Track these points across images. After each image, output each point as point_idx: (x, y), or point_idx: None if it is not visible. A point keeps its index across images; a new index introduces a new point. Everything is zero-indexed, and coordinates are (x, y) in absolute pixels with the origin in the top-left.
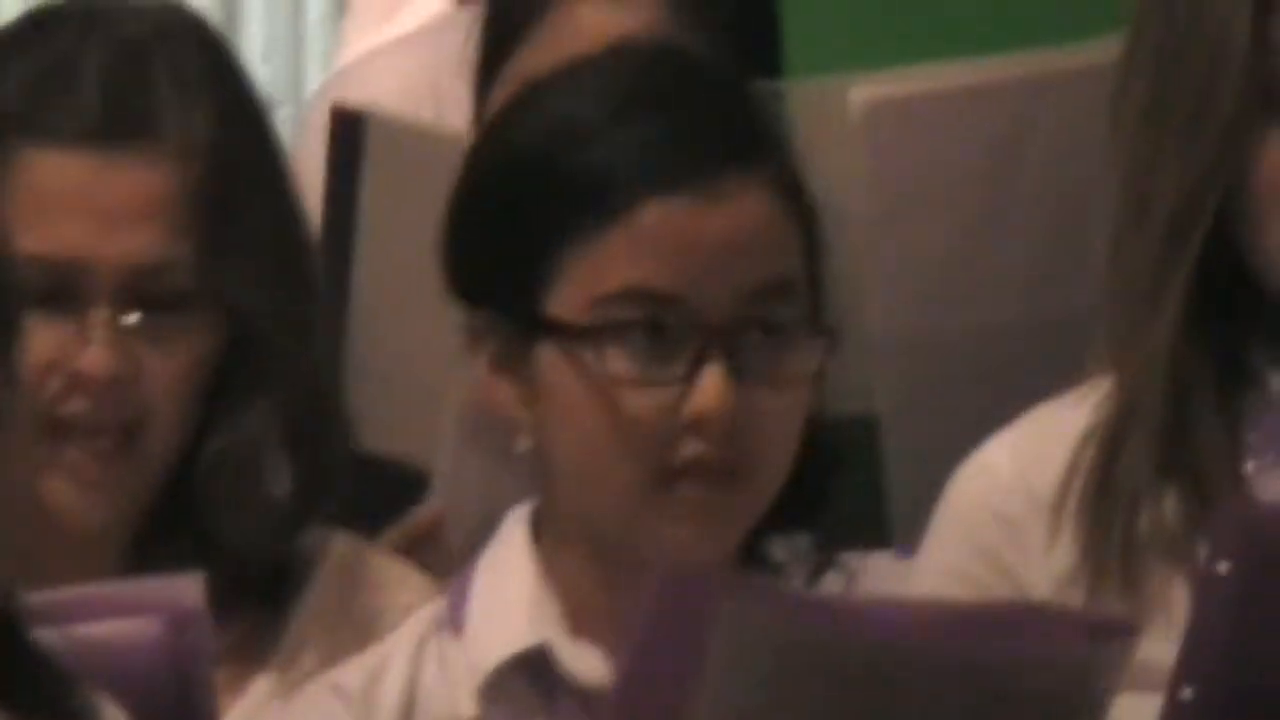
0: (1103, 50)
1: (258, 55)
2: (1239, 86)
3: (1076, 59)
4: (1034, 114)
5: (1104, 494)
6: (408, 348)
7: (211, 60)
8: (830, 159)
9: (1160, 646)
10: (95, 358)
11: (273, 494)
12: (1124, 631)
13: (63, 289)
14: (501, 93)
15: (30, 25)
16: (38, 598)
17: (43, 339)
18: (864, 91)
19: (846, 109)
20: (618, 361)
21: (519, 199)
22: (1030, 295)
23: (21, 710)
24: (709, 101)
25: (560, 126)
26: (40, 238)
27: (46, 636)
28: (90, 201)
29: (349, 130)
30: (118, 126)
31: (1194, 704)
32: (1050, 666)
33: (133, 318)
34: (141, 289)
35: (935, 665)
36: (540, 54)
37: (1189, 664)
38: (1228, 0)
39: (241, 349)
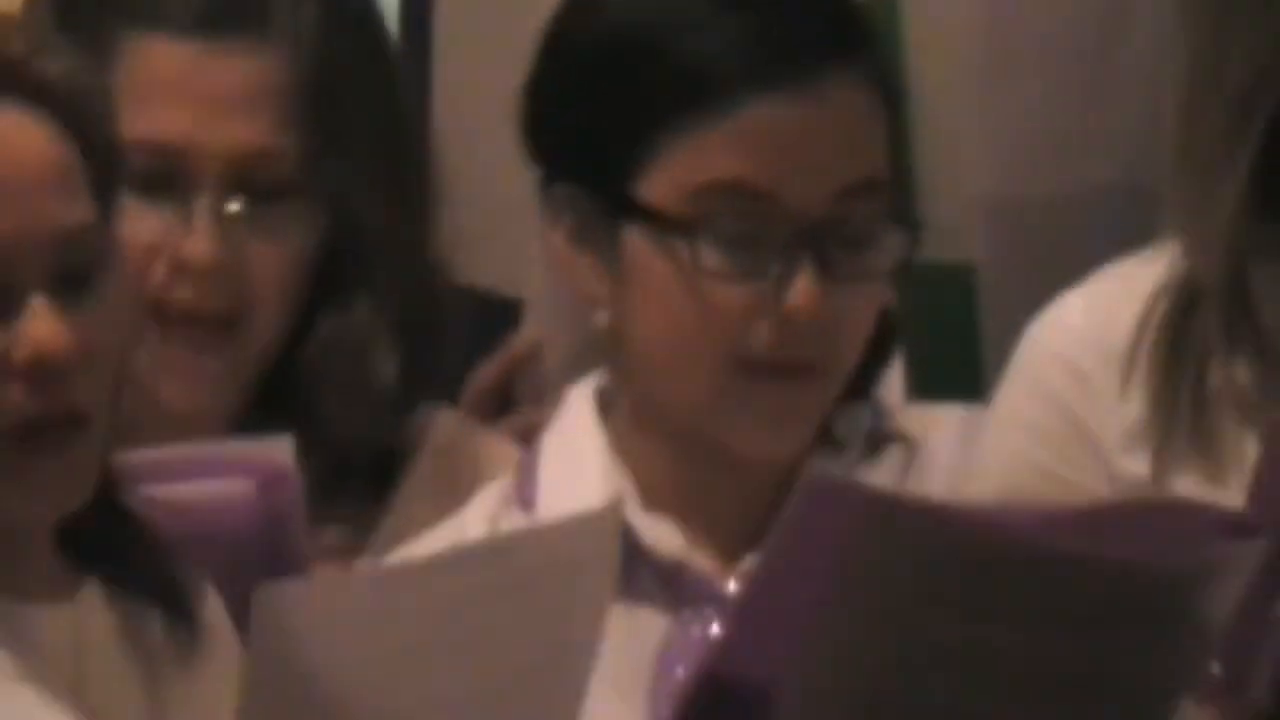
0: None
1: None
2: None
3: None
4: None
5: (1175, 350)
6: (490, 175)
7: None
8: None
9: (1236, 502)
10: (199, 245)
11: (378, 381)
12: (1258, 530)
13: (167, 175)
14: None
15: None
16: (131, 458)
17: (147, 225)
18: None
19: None
20: (711, 254)
21: (616, 79)
22: (1131, 159)
23: (119, 581)
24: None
25: (662, 8)
26: (146, 123)
27: (141, 500)
28: (197, 88)
29: None
30: (227, 15)
31: (1272, 549)
32: (1190, 565)
33: (236, 205)
34: (246, 177)
35: (1073, 567)
36: None
37: (1264, 508)
38: None
39: (346, 242)
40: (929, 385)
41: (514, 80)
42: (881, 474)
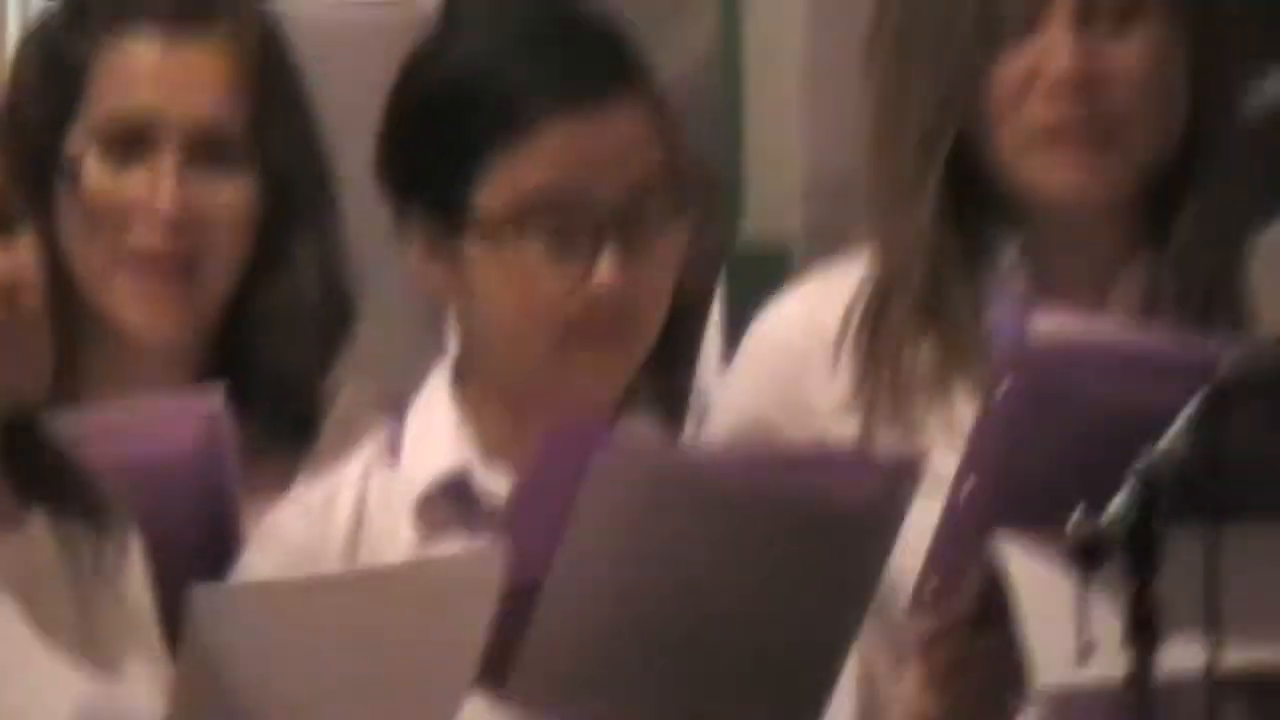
0: None
1: None
2: (972, 23)
3: None
4: None
5: (874, 337)
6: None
7: None
8: (776, 22)
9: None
10: (166, 196)
11: (309, 331)
12: (916, 469)
13: (139, 140)
14: None
15: None
16: (89, 414)
17: (123, 185)
18: None
19: None
20: (533, 247)
21: (447, 117)
22: None
23: (57, 509)
24: (591, 38)
25: (474, 60)
26: (122, 99)
27: (98, 448)
28: (162, 72)
29: None
30: (184, 19)
31: (974, 491)
32: (859, 499)
33: (197, 165)
34: (201, 142)
35: (762, 501)
36: None
37: (972, 460)
38: None
39: (284, 210)
40: None
41: None
42: (684, 429)
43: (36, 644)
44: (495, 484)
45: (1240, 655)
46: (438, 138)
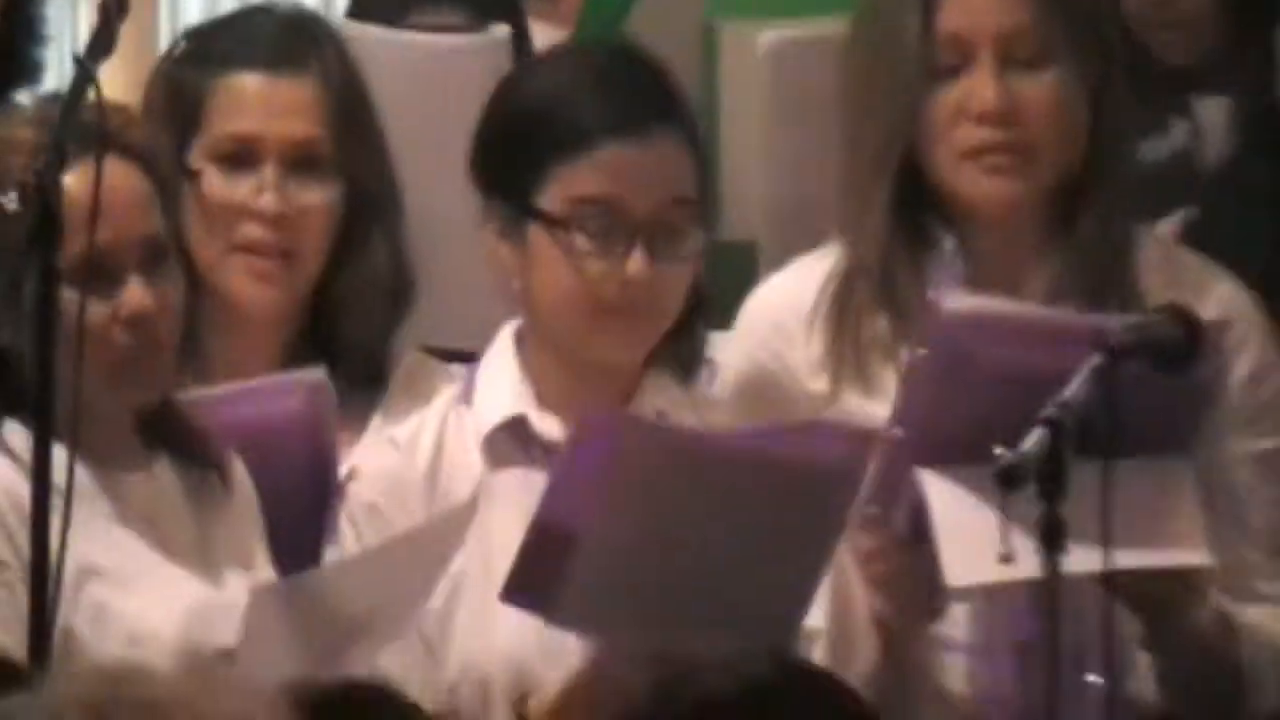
0: None
1: None
2: (914, 65)
3: None
4: None
5: (841, 312)
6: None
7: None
8: (744, 79)
9: (883, 411)
10: (269, 199)
11: (380, 308)
12: (874, 438)
13: (247, 155)
14: None
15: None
16: (217, 388)
17: (234, 190)
18: (768, 36)
19: (757, 47)
20: (581, 241)
21: (524, 132)
22: None
23: (180, 455)
24: (643, 76)
25: (549, 89)
26: (234, 122)
27: (216, 411)
28: (265, 101)
29: None
30: (280, 58)
31: (903, 439)
32: (831, 462)
33: (292, 175)
34: (296, 157)
35: (753, 466)
36: None
37: (900, 413)
38: (905, 8)
39: (360, 210)
40: (724, 327)
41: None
42: (697, 384)
43: (159, 558)
44: (547, 425)
45: (1127, 560)
46: (516, 148)
